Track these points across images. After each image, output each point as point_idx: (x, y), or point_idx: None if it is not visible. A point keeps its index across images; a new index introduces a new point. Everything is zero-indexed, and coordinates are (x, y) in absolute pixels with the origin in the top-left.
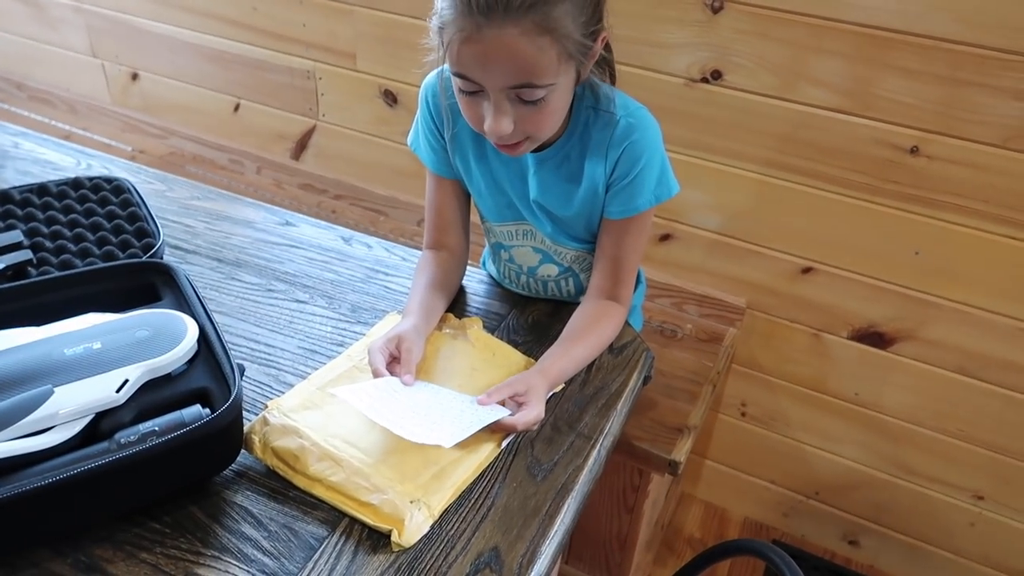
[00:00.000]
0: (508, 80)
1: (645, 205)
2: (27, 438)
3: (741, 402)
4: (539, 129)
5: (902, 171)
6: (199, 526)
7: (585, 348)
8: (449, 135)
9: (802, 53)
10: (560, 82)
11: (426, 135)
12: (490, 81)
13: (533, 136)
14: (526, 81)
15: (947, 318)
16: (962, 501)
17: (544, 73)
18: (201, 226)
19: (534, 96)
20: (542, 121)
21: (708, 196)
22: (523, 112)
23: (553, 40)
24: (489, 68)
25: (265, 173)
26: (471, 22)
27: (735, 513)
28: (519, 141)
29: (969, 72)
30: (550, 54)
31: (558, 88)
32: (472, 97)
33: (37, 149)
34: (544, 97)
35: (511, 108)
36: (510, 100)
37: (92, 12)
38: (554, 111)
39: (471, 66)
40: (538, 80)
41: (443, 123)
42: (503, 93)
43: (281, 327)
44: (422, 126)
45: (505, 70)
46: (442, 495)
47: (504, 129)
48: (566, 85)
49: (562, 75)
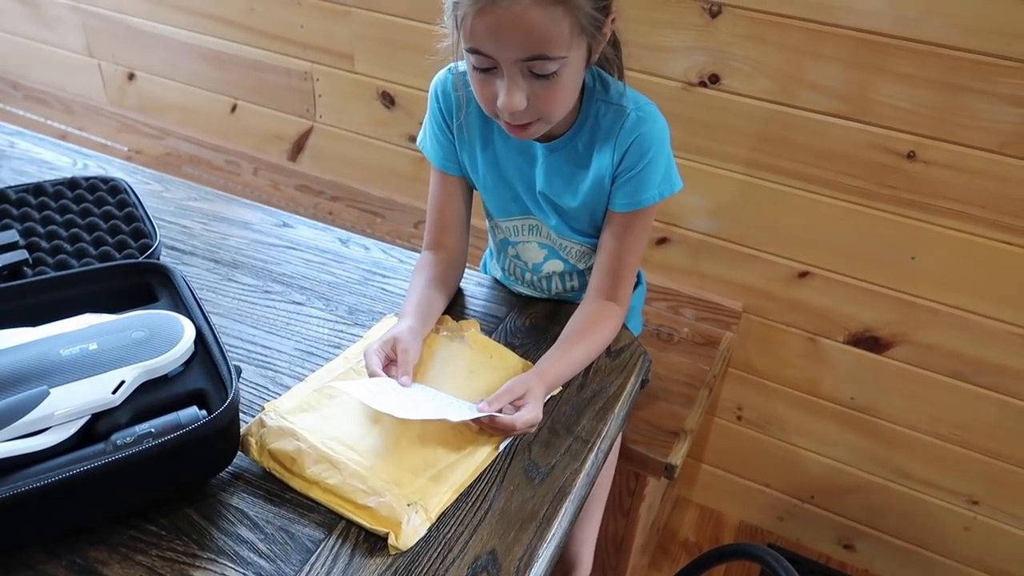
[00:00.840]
0: (522, 52)
1: (650, 200)
2: (23, 439)
3: (737, 406)
4: (551, 107)
5: (898, 176)
6: (195, 528)
7: (583, 351)
8: (457, 125)
9: (799, 58)
10: (572, 57)
11: (433, 131)
12: (504, 54)
13: (545, 116)
14: (540, 52)
15: (942, 323)
16: (957, 505)
17: (557, 44)
18: (198, 227)
19: (547, 69)
20: (554, 98)
21: (705, 200)
22: (536, 88)
23: (566, 11)
24: (503, 40)
25: (262, 174)
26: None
27: (731, 517)
28: (530, 122)
29: (965, 78)
30: (563, 25)
31: (570, 63)
32: (486, 75)
33: (33, 149)
34: (557, 72)
35: (524, 83)
36: (523, 75)
37: (89, 11)
38: (565, 88)
39: (485, 39)
40: (551, 52)
41: (452, 117)
42: (516, 67)
43: (278, 329)
44: (430, 123)
45: (519, 41)
46: (439, 498)
47: (518, 104)
48: (578, 62)
49: (574, 49)
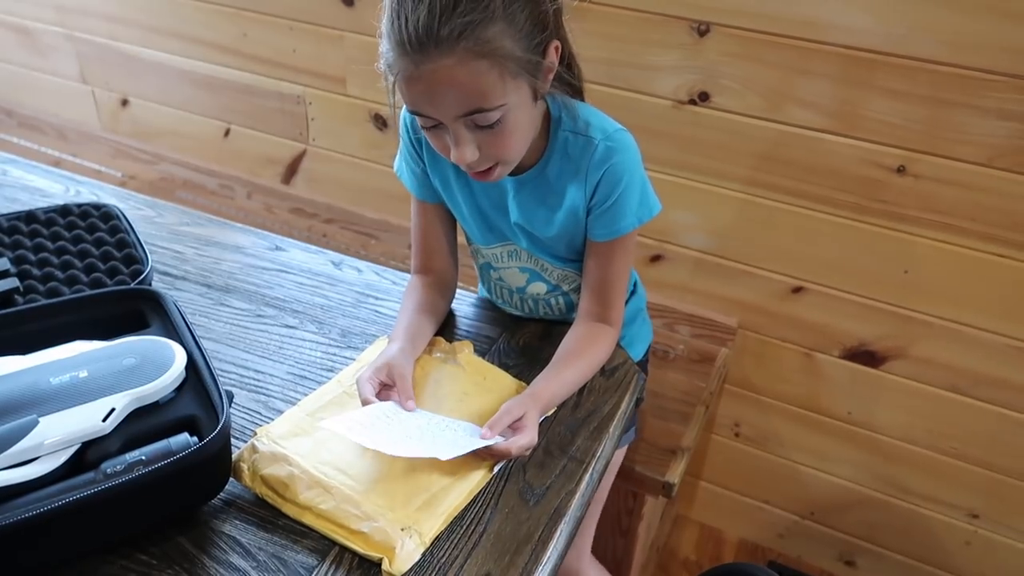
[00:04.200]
0: (458, 109)
1: (628, 227)
2: (11, 469)
3: (734, 422)
4: (505, 152)
5: (889, 190)
6: (187, 557)
7: (577, 371)
8: (429, 158)
9: (788, 75)
10: (512, 101)
11: (408, 161)
12: (441, 113)
13: (502, 160)
14: (475, 107)
15: (937, 336)
16: (957, 520)
17: (490, 96)
18: (190, 252)
19: (488, 120)
20: (505, 143)
21: (697, 216)
22: (484, 137)
23: (492, 63)
24: (436, 102)
25: (256, 198)
26: (409, 61)
27: (730, 534)
28: (490, 167)
29: (953, 92)
30: (491, 77)
31: (512, 108)
32: (434, 131)
33: (26, 176)
34: (500, 119)
35: (470, 136)
36: (468, 128)
37: (82, 39)
38: (515, 131)
39: (420, 103)
40: (486, 104)
41: (423, 147)
42: (459, 122)
43: (270, 353)
44: (404, 152)
45: (451, 101)
46: (433, 522)
47: (469, 157)
48: (521, 103)
49: (511, 94)
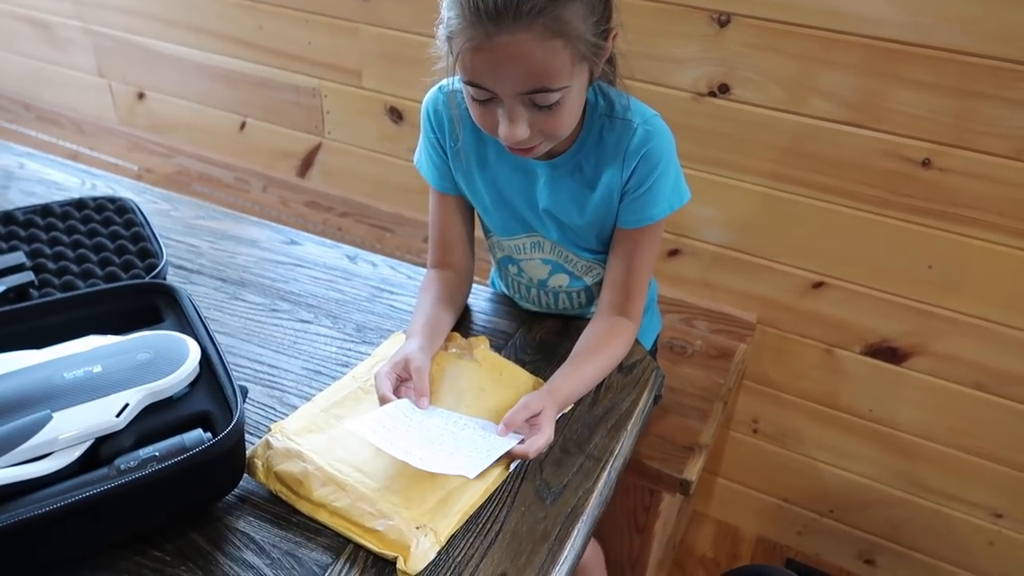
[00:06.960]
0: (522, 86)
1: (660, 214)
2: (25, 464)
3: (753, 419)
4: (555, 130)
5: (914, 184)
6: (201, 554)
7: (595, 367)
8: (453, 149)
9: (811, 66)
10: (574, 84)
11: (428, 152)
12: (503, 88)
13: (548, 137)
14: (540, 86)
15: (962, 332)
16: (980, 519)
17: (558, 77)
18: (205, 245)
19: (548, 100)
20: (557, 123)
21: (717, 210)
22: (538, 116)
23: (566, 43)
24: (501, 75)
25: (271, 191)
26: (481, 30)
27: (748, 532)
28: (533, 145)
29: (981, 84)
30: (563, 57)
31: (572, 90)
32: (485, 105)
33: (42, 170)
34: (559, 100)
35: (525, 113)
36: (524, 105)
37: (99, 33)
38: (569, 112)
39: (483, 74)
40: (552, 84)
41: (445, 137)
42: (517, 99)
43: (285, 348)
44: (424, 143)
45: (518, 76)
46: (449, 520)
47: (520, 135)
48: (580, 86)
49: (576, 76)
